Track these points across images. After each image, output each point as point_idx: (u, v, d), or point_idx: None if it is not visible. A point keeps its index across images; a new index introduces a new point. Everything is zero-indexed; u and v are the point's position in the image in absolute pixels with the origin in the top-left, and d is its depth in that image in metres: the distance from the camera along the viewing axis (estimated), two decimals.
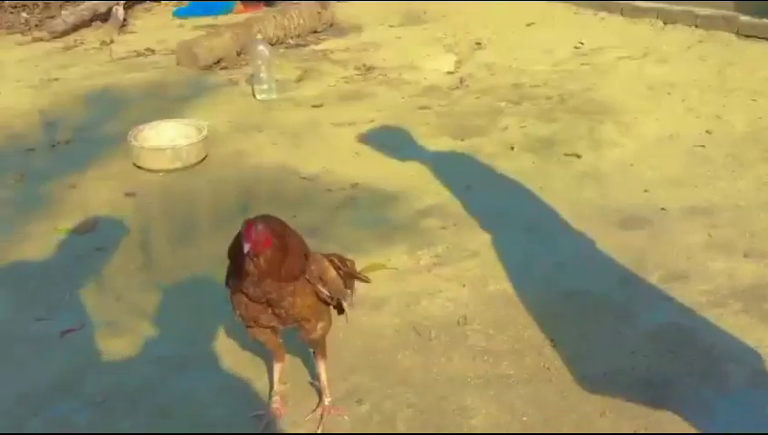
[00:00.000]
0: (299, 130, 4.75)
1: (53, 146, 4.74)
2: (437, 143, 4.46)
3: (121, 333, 2.98)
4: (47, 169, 4.42)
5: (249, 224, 2.06)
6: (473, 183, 4.00)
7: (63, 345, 2.92)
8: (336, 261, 2.48)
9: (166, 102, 5.20)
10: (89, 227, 3.75)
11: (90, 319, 3.06)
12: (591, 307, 3.00)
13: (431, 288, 3.15)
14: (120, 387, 2.68)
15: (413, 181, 4.05)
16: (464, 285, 3.18)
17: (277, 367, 2.52)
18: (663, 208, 3.67)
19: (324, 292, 2.30)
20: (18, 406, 2.62)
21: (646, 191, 3.84)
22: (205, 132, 4.44)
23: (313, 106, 5.10)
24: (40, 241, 3.64)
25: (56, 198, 4.07)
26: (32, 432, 2.49)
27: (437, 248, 3.45)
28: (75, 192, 4.13)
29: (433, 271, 3.29)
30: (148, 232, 3.69)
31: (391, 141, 4.48)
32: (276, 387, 2.55)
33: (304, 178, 4.13)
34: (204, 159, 4.38)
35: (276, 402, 2.51)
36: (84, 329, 3.00)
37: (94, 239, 3.65)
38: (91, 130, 4.92)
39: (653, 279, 3.15)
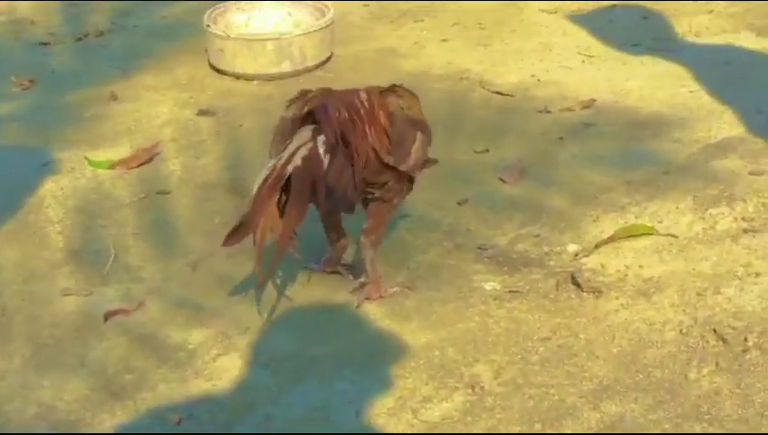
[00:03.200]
0: (486, 17, 4.75)
1: (79, 39, 4.84)
2: (730, 40, 4.38)
3: (201, 318, 2.96)
4: (70, 72, 4.50)
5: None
6: None
7: (108, 335, 2.92)
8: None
9: None
10: (143, 160, 3.78)
11: (149, 295, 3.07)
12: None
13: (739, 268, 3.02)
14: (200, 411, 2.63)
15: (691, 99, 3.97)
16: None
17: None
18: None
19: None
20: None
21: None
22: (329, 16, 4.42)
23: None
24: (65, 178, 3.71)
25: (88, 113, 4.14)
26: None
27: (746, 205, 3.31)
28: (118, 107, 4.21)
29: (741, 241, 3.15)
30: (237, 169, 3.70)
31: (645, 37, 4.48)
32: None
33: (500, 92, 4.12)
34: (328, 59, 4.41)
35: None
36: (142, 310, 3.01)
37: (153, 178, 3.69)
38: (138, 14, 5.01)
39: None
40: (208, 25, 4.40)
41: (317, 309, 3.00)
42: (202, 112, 4.10)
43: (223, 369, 2.76)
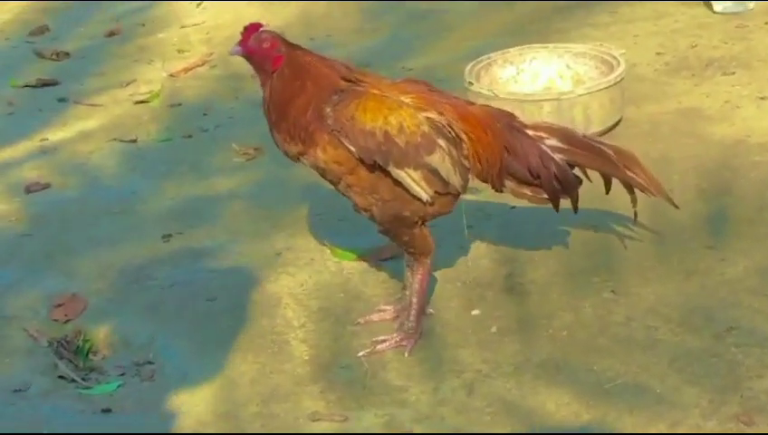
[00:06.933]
0: None
1: None
2: None
3: None
4: None
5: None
6: None
7: None
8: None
9: (530, 14, 5.31)
10: (397, 250, 3.62)
11: (418, 423, 3.01)
12: None
13: None
14: None
15: None
16: None
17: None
18: None
19: (350, 147, 3.11)
20: None
21: None
22: (620, 70, 4.26)
23: None
24: (304, 272, 3.68)
25: (325, 189, 4.02)
26: None
27: None
28: None
29: None
30: (513, 263, 3.58)
31: None
32: None
33: None
34: (616, 124, 4.29)
35: None
36: None
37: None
38: (377, 65, 4.96)
39: None
40: (471, 83, 4.28)
41: None
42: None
43: None
